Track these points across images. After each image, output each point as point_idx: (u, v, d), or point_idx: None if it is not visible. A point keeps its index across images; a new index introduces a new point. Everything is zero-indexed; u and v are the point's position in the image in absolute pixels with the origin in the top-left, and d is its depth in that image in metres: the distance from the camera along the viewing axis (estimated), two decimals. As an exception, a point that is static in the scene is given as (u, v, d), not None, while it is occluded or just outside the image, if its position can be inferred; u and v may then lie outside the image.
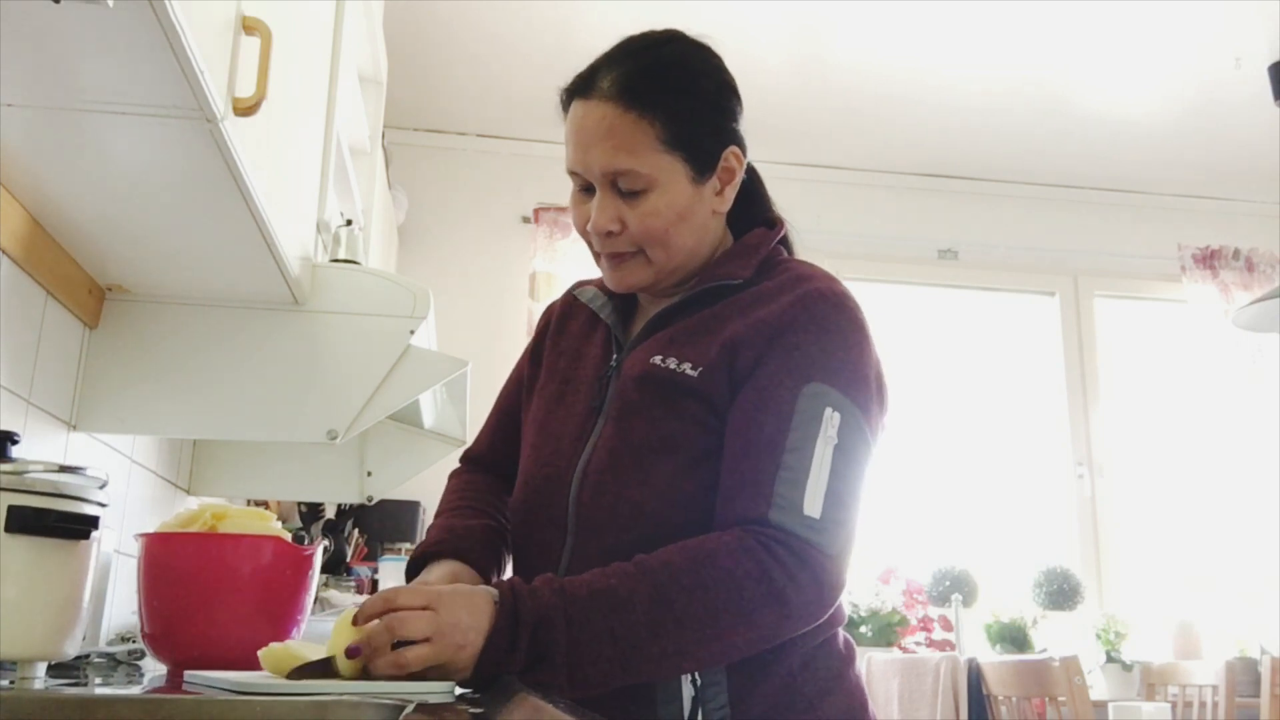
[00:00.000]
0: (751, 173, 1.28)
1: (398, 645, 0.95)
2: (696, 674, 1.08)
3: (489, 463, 1.37)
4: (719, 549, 1.03)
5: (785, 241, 1.28)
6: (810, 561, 1.03)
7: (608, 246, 1.18)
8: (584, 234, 1.20)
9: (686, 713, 1.07)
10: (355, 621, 0.97)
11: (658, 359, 1.15)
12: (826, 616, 1.08)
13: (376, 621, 0.96)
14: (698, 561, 1.02)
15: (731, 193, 1.21)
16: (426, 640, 0.94)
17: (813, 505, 1.04)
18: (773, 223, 1.26)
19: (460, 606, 0.97)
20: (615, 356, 1.21)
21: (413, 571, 1.22)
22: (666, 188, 1.14)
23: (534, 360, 1.34)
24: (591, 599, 1.00)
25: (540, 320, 1.38)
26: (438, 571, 1.17)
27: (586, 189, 1.18)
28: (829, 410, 1.07)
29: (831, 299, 1.15)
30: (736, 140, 1.20)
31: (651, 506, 1.10)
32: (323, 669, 0.95)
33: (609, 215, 1.15)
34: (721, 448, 1.11)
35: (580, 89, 1.17)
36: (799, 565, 1.03)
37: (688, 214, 1.16)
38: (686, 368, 1.13)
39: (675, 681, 1.08)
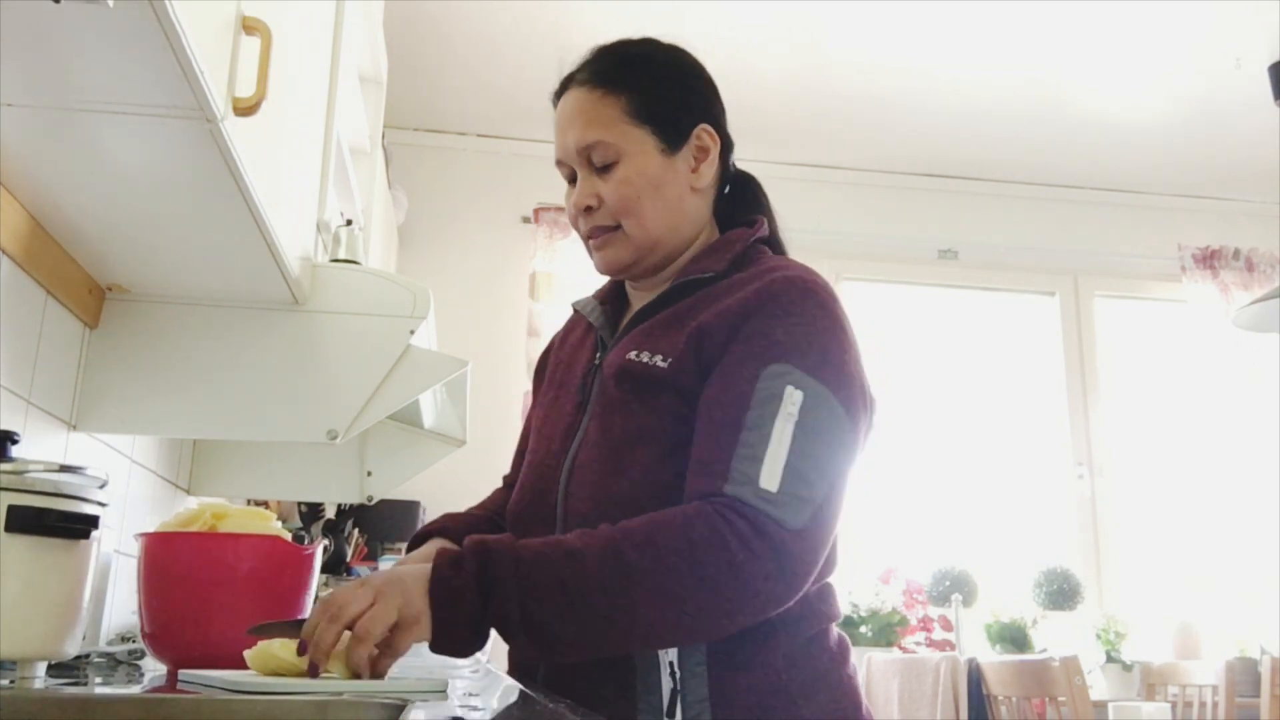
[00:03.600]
0: (751, 180, 1.33)
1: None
2: (676, 665, 1.08)
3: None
4: (674, 515, 1.03)
5: (773, 242, 1.29)
6: (768, 532, 1.01)
7: (589, 223, 1.23)
8: (573, 221, 1.26)
9: (665, 705, 1.07)
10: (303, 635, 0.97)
11: (633, 354, 1.17)
12: (796, 596, 1.05)
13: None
14: (653, 524, 1.02)
15: (708, 170, 1.24)
16: (373, 605, 0.96)
17: (769, 480, 1.03)
18: (753, 222, 1.27)
19: (394, 571, 1.00)
20: (599, 355, 1.25)
21: (410, 551, 1.26)
22: (635, 157, 1.19)
23: (539, 379, 1.40)
24: (543, 547, 1.01)
25: (544, 349, 1.43)
26: (424, 549, 1.22)
27: (573, 180, 1.24)
28: (790, 388, 1.06)
29: (799, 285, 1.15)
30: (709, 119, 1.25)
31: (630, 497, 1.11)
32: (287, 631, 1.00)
33: (586, 191, 1.21)
34: None
35: (561, 87, 1.26)
36: (755, 534, 1.01)
37: (660, 184, 1.20)
38: (658, 360, 1.14)
39: (655, 674, 1.08)
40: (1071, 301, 4.36)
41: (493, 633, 1.01)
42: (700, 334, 1.13)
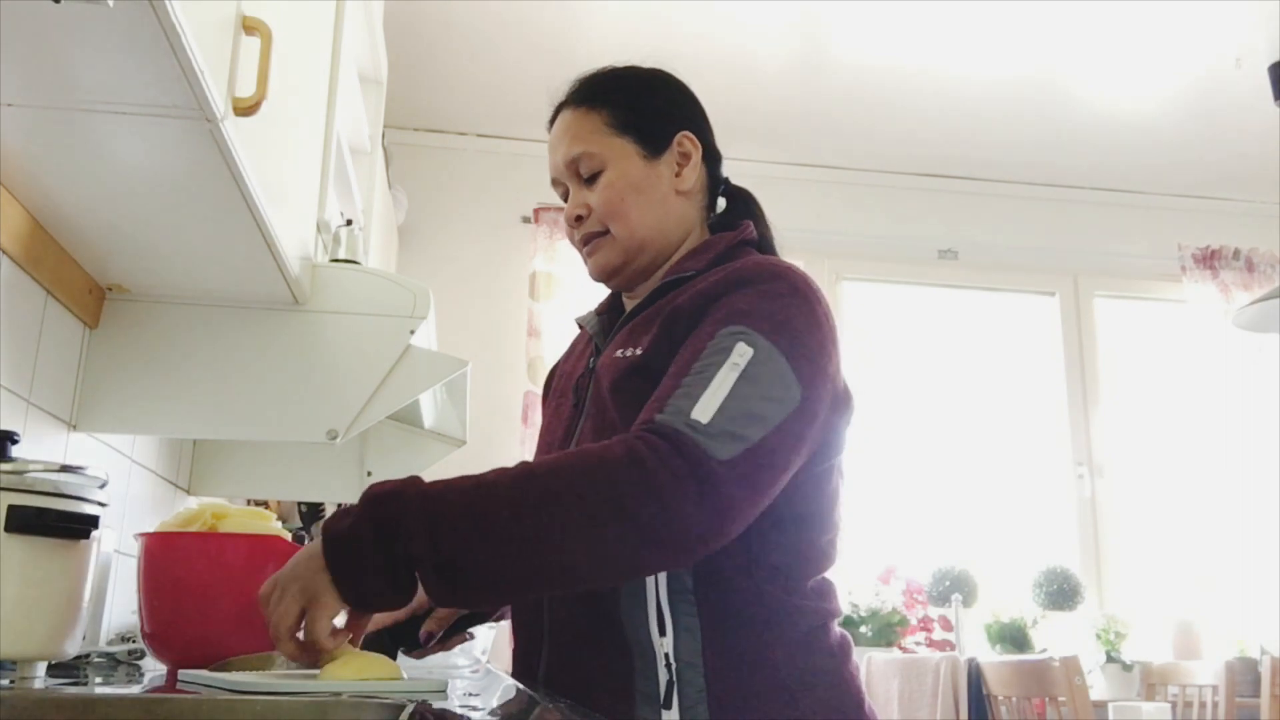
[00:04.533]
0: (746, 195, 1.36)
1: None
2: (671, 656, 1.08)
3: None
4: (594, 445, 1.01)
5: (763, 245, 1.31)
6: (689, 453, 0.97)
7: (580, 232, 1.28)
8: (571, 238, 1.31)
9: (663, 695, 1.08)
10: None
11: (618, 351, 1.19)
12: (725, 535, 0.99)
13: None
14: (571, 452, 1.02)
15: (691, 173, 1.29)
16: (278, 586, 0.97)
17: (701, 413, 1.00)
18: (738, 227, 1.30)
19: (293, 560, 0.99)
20: (593, 360, 1.28)
21: None
22: (618, 164, 1.25)
23: (545, 397, 1.43)
24: (453, 480, 0.99)
25: (554, 365, 1.46)
26: None
27: (568, 198, 1.30)
28: (741, 344, 1.06)
29: (770, 267, 1.16)
30: (690, 126, 1.30)
31: None
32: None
33: (576, 202, 1.28)
34: None
35: (553, 115, 1.33)
36: (673, 453, 0.97)
37: (643, 187, 1.25)
38: (636, 350, 1.16)
39: (652, 666, 1.09)
40: (1071, 301, 4.36)
41: (492, 634, 1.01)
42: (674, 316, 1.15)
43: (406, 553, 0.94)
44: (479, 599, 1.05)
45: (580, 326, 1.40)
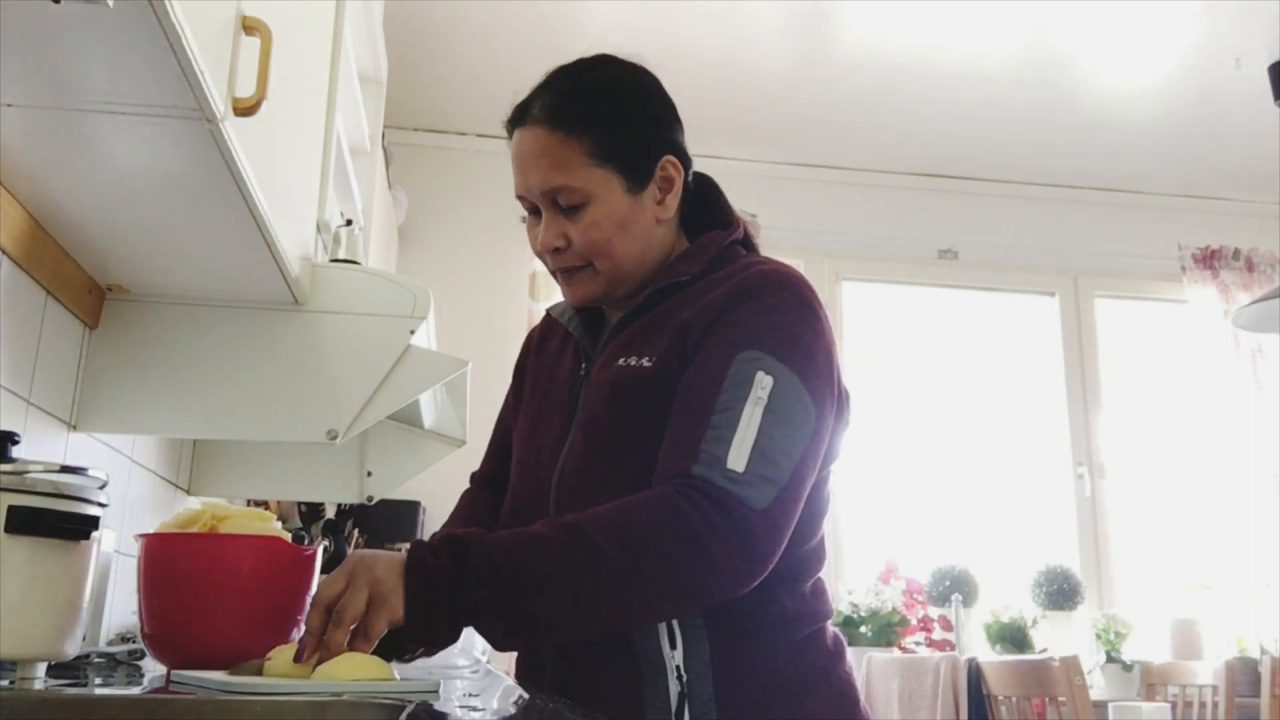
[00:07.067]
0: (708, 181, 1.32)
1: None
2: (682, 668, 1.10)
3: (492, 481, 1.40)
4: (639, 498, 1.05)
5: (746, 243, 1.30)
6: (729, 508, 1.03)
7: (558, 262, 1.23)
8: (540, 255, 1.25)
9: (674, 707, 1.09)
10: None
11: (620, 360, 1.18)
12: (761, 575, 1.06)
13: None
14: (617, 508, 1.05)
15: (673, 200, 1.24)
16: (346, 589, 0.99)
17: (737, 460, 1.05)
18: (727, 224, 1.28)
19: (366, 553, 1.03)
20: (584, 365, 1.26)
21: None
22: (603, 200, 1.19)
23: (518, 383, 1.40)
24: (510, 534, 1.04)
25: (522, 346, 1.43)
26: None
27: (535, 212, 1.23)
28: (761, 374, 1.08)
29: (773, 277, 1.17)
30: (672, 150, 1.24)
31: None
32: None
33: (554, 232, 1.20)
34: None
35: (516, 119, 1.24)
36: (716, 510, 1.02)
37: (628, 223, 1.20)
38: (644, 361, 1.16)
39: (663, 677, 1.10)
40: (1071, 301, 4.36)
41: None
42: (683, 330, 1.15)
43: (472, 598, 0.99)
44: (535, 640, 1.11)
45: (552, 318, 1.37)
